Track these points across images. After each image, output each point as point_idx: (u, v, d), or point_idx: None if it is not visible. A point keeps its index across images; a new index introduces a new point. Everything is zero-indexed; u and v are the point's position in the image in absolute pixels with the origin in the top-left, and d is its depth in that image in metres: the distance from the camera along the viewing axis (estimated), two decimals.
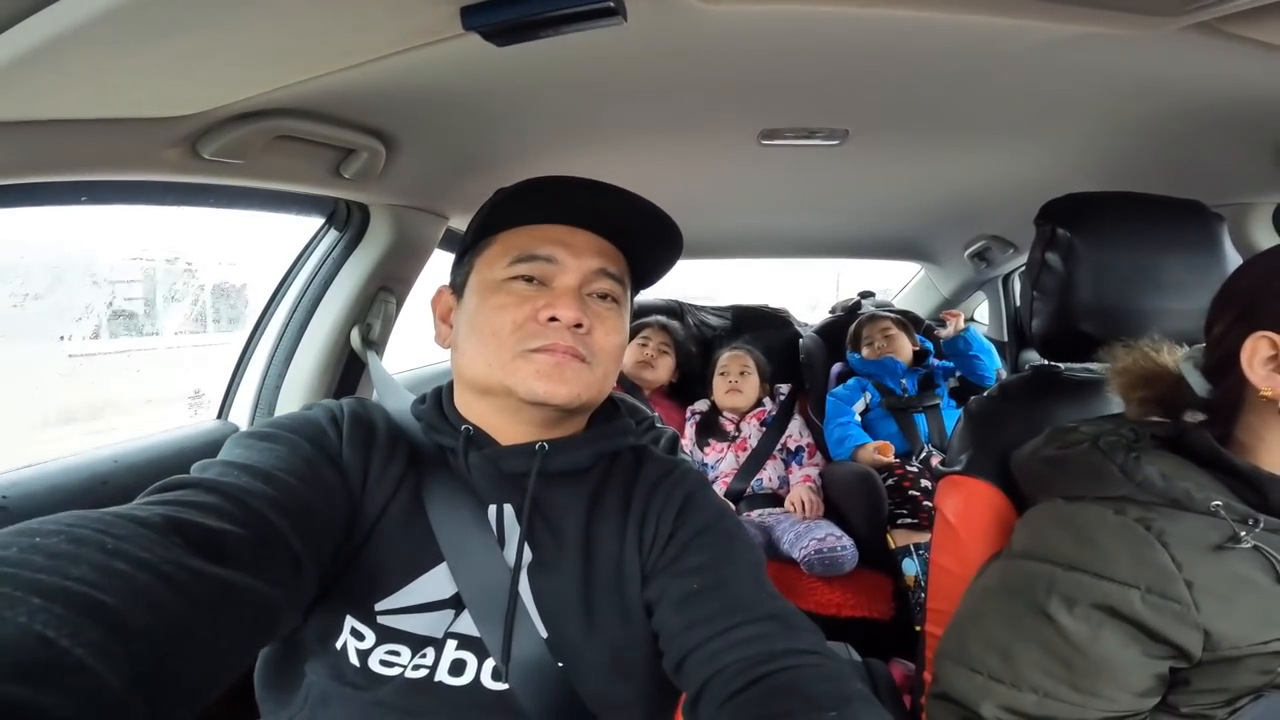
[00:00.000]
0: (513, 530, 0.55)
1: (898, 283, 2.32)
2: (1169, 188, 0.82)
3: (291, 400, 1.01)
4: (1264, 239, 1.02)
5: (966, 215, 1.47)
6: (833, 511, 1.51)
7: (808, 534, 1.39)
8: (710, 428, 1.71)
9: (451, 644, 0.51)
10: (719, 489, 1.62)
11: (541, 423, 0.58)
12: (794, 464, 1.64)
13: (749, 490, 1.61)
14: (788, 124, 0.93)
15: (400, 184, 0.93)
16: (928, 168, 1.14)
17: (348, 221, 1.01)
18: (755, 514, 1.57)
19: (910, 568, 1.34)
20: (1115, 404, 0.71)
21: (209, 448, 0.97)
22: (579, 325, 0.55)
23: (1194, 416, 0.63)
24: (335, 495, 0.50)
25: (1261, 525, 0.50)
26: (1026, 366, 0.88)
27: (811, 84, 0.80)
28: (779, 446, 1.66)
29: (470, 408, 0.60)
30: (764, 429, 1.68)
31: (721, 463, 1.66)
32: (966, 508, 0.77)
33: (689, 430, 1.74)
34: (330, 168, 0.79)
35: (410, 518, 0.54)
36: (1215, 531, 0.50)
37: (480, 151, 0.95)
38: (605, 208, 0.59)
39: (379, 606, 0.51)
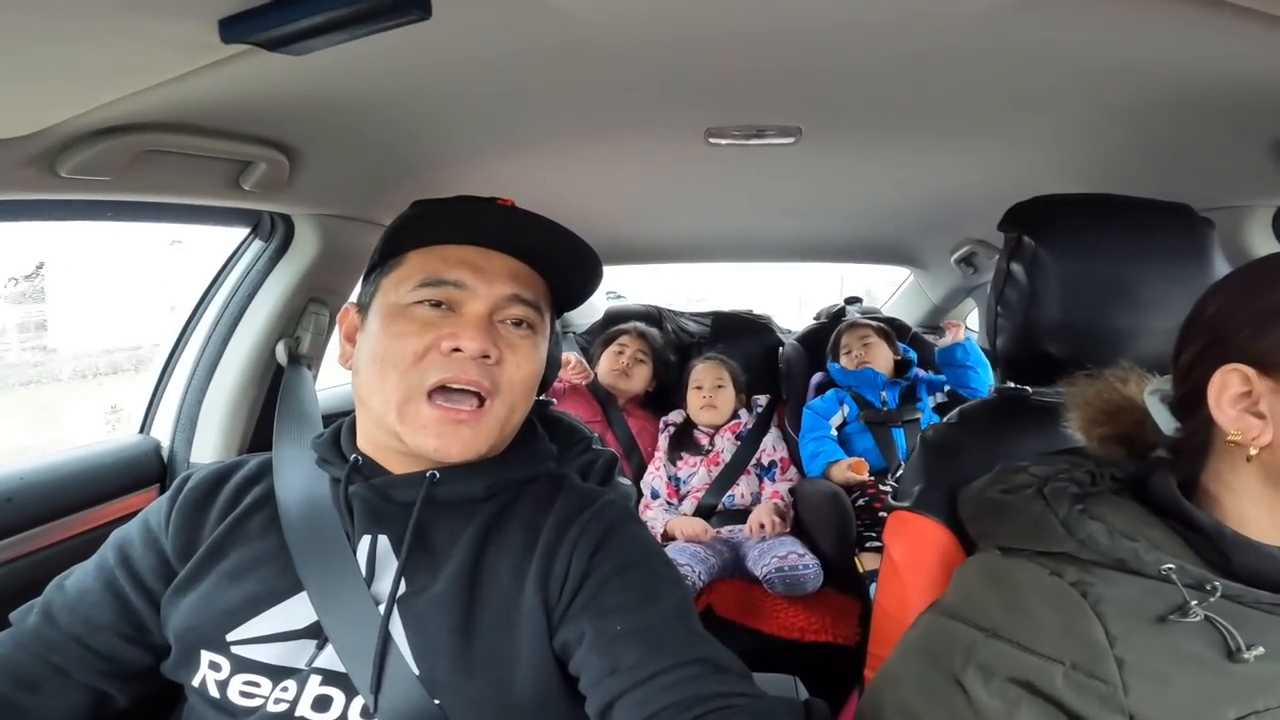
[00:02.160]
0: (387, 562, 0.54)
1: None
2: (1156, 189, 0.74)
3: (215, 415, 0.97)
4: (1262, 247, 0.92)
5: (947, 218, 1.38)
6: (801, 531, 1.45)
7: (769, 551, 1.33)
8: (683, 441, 1.65)
9: (315, 679, 0.50)
10: (690, 503, 1.56)
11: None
12: (766, 480, 1.57)
13: (720, 506, 1.54)
14: (733, 121, 0.86)
15: (317, 193, 0.89)
16: (895, 168, 1.06)
17: (272, 232, 0.96)
18: (725, 530, 1.51)
19: None
20: None
21: (125, 464, 0.94)
22: (486, 356, 0.53)
23: (1161, 455, 0.55)
24: (142, 581, 0.56)
25: (1219, 592, 0.43)
26: (992, 389, 0.80)
27: (753, 77, 0.73)
28: (753, 461, 1.59)
29: (372, 435, 0.58)
30: (739, 443, 1.61)
31: (694, 477, 1.59)
32: (912, 548, 0.70)
33: (662, 442, 1.68)
34: (226, 180, 0.75)
35: (262, 552, 0.54)
36: (1162, 599, 0.44)
37: (407, 157, 0.90)
38: (519, 230, 0.56)
39: (230, 637, 0.51)
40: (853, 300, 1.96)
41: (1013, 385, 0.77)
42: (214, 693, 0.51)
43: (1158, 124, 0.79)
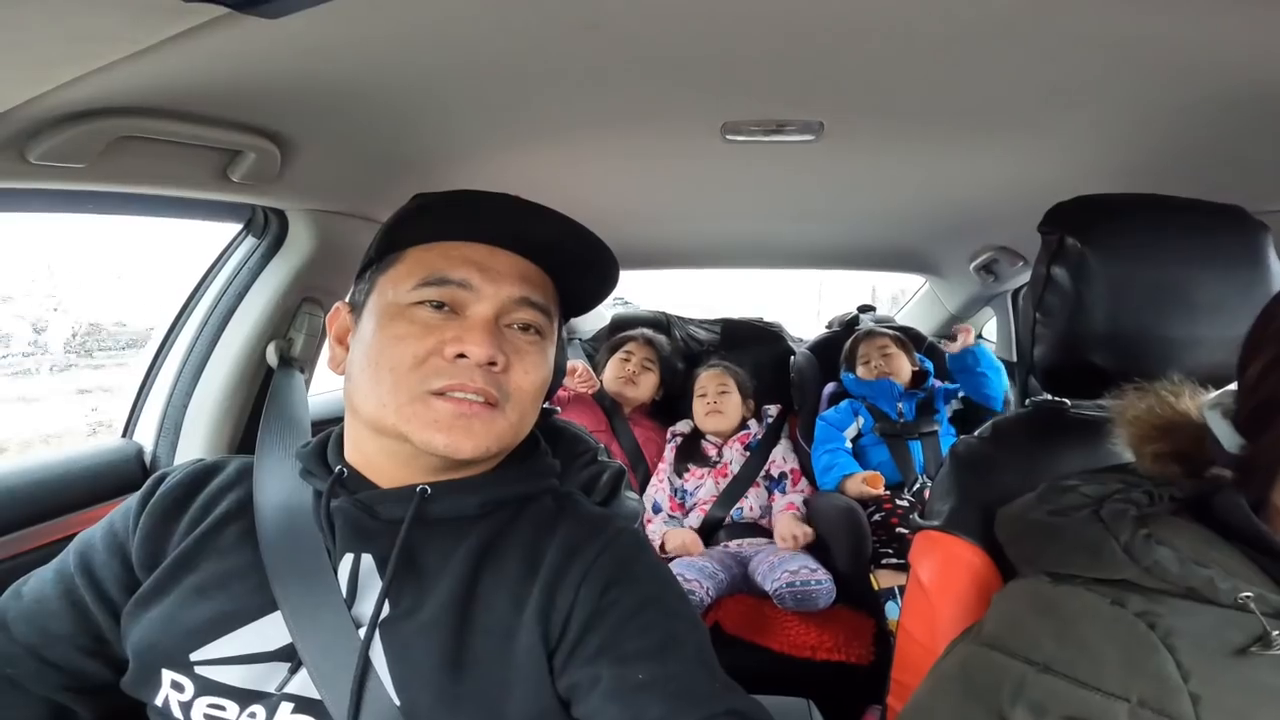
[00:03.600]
0: (370, 583, 0.50)
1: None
2: (1201, 191, 0.69)
3: (200, 419, 0.92)
4: None
5: (970, 223, 1.33)
6: (815, 546, 1.39)
7: (781, 565, 1.28)
8: (691, 452, 1.59)
9: (286, 706, 0.47)
10: (697, 516, 1.50)
11: (439, 468, 0.52)
12: (776, 492, 1.51)
13: (728, 519, 1.49)
14: (753, 115, 0.82)
15: (311, 186, 0.84)
16: (919, 167, 1.01)
17: (265, 228, 0.92)
18: (734, 544, 1.45)
19: (894, 611, 1.22)
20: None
21: (105, 470, 0.88)
22: (492, 363, 0.50)
23: (1221, 473, 0.50)
24: (103, 591, 0.52)
25: None
26: (1028, 402, 0.74)
27: (776, 66, 0.69)
28: (762, 473, 1.53)
29: (361, 446, 0.54)
30: (748, 454, 1.55)
31: (700, 489, 1.54)
32: (943, 570, 0.66)
33: (668, 454, 1.62)
34: (213, 170, 0.70)
35: (234, 567, 0.51)
36: (1239, 630, 0.41)
37: (405, 150, 0.85)
38: (531, 227, 0.52)
39: (194, 657, 0.48)
40: (866, 309, 1.90)
41: (1049, 398, 0.72)
42: (177, 714, 0.48)
43: (1207, 122, 0.74)
